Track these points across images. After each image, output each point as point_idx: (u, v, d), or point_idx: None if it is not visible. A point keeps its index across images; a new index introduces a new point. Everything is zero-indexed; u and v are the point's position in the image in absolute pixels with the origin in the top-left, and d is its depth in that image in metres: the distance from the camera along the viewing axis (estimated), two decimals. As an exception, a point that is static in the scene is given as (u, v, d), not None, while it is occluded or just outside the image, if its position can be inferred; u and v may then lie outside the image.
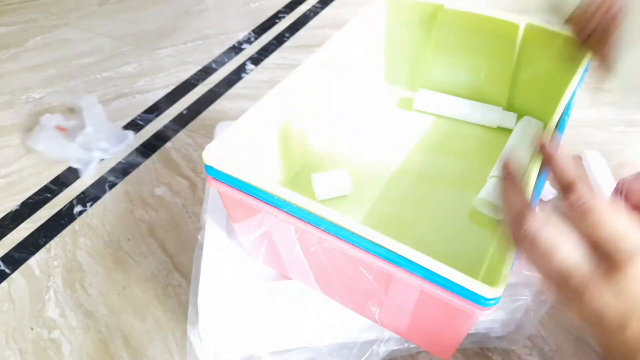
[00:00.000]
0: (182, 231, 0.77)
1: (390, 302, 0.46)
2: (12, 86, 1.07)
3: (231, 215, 0.52)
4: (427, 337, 0.50)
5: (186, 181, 0.85)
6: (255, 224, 0.50)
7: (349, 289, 0.49)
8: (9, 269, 0.74)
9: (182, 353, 0.63)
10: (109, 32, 1.23)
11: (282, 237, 0.48)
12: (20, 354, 0.64)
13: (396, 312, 0.48)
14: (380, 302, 0.47)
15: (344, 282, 0.48)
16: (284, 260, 0.52)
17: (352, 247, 0.40)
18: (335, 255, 0.44)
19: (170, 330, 0.66)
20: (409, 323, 0.48)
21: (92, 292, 0.70)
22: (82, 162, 0.88)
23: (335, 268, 0.46)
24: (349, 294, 0.50)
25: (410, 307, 0.44)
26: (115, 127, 0.94)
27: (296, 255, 0.49)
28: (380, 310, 0.48)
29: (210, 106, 1.01)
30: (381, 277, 0.43)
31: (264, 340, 0.58)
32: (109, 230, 0.78)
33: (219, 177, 0.45)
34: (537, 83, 0.66)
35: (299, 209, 0.41)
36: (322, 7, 1.29)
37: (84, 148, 0.88)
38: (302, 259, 0.49)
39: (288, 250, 0.49)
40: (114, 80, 1.08)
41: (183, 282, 0.71)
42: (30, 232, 0.79)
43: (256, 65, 1.11)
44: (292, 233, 0.46)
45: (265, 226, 0.49)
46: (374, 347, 0.54)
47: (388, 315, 0.49)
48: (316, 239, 0.43)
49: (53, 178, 0.87)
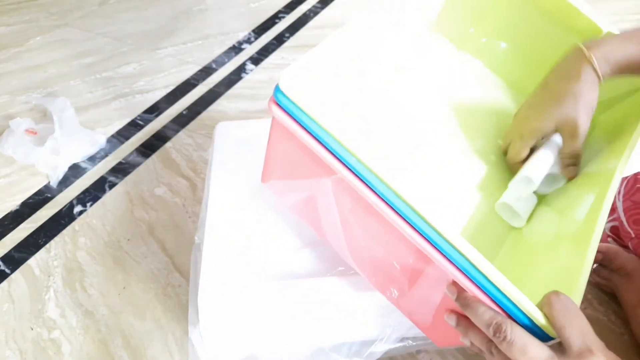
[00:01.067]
0: (182, 231, 0.77)
1: (419, 292, 0.46)
2: (12, 86, 1.07)
3: (275, 156, 0.48)
4: (445, 333, 0.49)
5: (186, 181, 0.85)
6: (304, 174, 0.46)
7: (378, 267, 0.48)
8: (9, 269, 0.74)
9: (182, 353, 0.63)
10: (109, 32, 1.23)
11: (332, 198, 0.46)
12: (20, 354, 0.64)
13: (422, 304, 0.47)
14: (406, 290, 0.47)
15: (378, 259, 0.47)
16: (320, 217, 0.50)
17: (428, 245, 0.39)
18: (391, 239, 0.43)
19: (170, 330, 0.66)
20: (432, 317, 0.48)
21: (92, 292, 0.70)
22: (51, 167, 0.86)
23: (379, 245, 0.45)
24: (376, 270, 0.49)
25: (438, 305, 0.44)
26: (86, 131, 0.93)
27: (338, 218, 0.47)
28: (402, 296, 0.48)
29: (210, 106, 1.01)
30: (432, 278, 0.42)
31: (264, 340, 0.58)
32: (109, 230, 0.78)
33: (293, 113, 0.40)
34: None
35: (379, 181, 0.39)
36: (322, 7, 1.29)
37: (53, 152, 0.87)
38: (344, 223, 0.47)
39: (331, 211, 0.47)
40: (114, 80, 1.08)
41: (183, 282, 0.71)
42: (30, 232, 0.79)
43: (256, 65, 1.11)
44: (349, 199, 0.43)
45: (318, 181, 0.45)
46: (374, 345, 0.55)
47: (409, 302, 0.49)
48: (378, 214, 0.41)
49: (53, 178, 0.87)
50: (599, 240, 0.43)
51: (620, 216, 0.64)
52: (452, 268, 0.39)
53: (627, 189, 0.64)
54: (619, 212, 0.64)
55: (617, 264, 0.64)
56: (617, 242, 0.68)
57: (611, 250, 0.65)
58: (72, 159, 0.88)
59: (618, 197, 0.65)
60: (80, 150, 0.89)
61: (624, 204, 0.64)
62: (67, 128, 0.90)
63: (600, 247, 0.65)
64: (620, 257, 0.64)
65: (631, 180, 0.64)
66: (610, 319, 0.65)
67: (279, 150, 0.49)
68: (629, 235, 0.63)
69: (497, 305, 0.39)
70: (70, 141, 0.88)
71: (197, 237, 0.62)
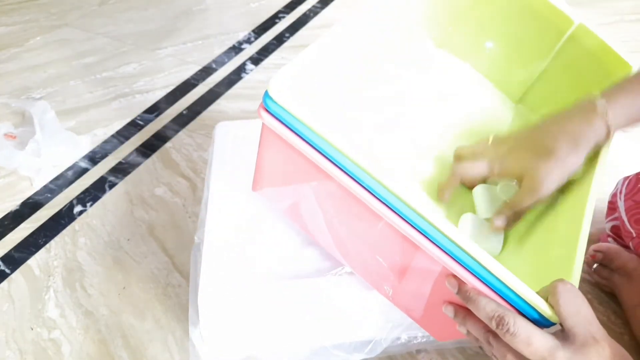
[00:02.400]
0: (182, 231, 0.77)
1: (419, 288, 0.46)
2: (12, 86, 1.07)
3: (267, 163, 0.48)
4: (443, 327, 0.49)
5: (186, 181, 0.85)
6: (296, 179, 0.46)
7: (369, 266, 0.48)
8: (9, 269, 0.74)
9: (182, 353, 0.63)
10: (109, 32, 1.23)
11: (325, 201, 0.46)
12: (20, 354, 0.64)
13: (416, 299, 0.47)
14: (397, 286, 0.47)
15: (368, 258, 0.47)
16: (313, 221, 0.50)
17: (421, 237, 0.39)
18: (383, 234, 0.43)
19: (170, 330, 0.66)
20: (431, 312, 0.48)
21: (92, 292, 0.70)
22: (33, 170, 0.86)
23: (371, 244, 0.45)
24: (369, 269, 0.49)
25: (433, 298, 0.44)
26: (67, 133, 0.92)
27: (330, 221, 0.47)
28: (397, 292, 0.48)
29: (210, 106, 1.01)
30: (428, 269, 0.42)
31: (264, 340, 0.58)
32: (109, 230, 0.78)
33: (283, 118, 0.41)
34: (563, 88, 0.63)
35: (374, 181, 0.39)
36: (322, 7, 1.29)
37: (34, 155, 0.87)
38: (337, 225, 0.47)
39: (324, 214, 0.47)
40: (114, 80, 1.08)
41: (183, 282, 0.71)
42: (30, 232, 0.79)
43: (256, 65, 1.11)
44: (342, 200, 0.43)
45: (309, 185, 0.46)
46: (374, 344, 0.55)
47: (407, 299, 0.49)
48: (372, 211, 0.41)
49: (53, 178, 0.87)
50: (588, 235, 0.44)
51: (622, 216, 0.64)
52: (452, 262, 0.40)
53: (629, 188, 0.64)
54: (621, 212, 0.64)
55: (617, 264, 0.64)
56: (618, 241, 0.68)
57: (612, 250, 0.65)
58: (55, 162, 0.88)
59: (619, 196, 0.65)
60: (63, 153, 0.89)
61: (625, 203, 0.64)
62: (49, 131, 0.90)
63: (600, 247, 0.65)
64: (621, 256, 0.64)
65: (633, 179, 0.64)
66: (610, 319, 0.65)
67: (270, 156, 0.49)
68: (630, 234, 0.63)
69: (499, 296, 0.39)
70: (52, 144, 0.88)
71: (197, 237, 0.62)
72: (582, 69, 0.62)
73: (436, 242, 0.39)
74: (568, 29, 0.61)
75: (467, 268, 0.39)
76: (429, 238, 0.40)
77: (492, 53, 0.68)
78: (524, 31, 0.64)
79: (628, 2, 1.26)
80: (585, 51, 0.61)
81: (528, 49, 0.65)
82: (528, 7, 0.62)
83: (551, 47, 0.63)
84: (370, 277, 0.51)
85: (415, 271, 0.44)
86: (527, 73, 0.67)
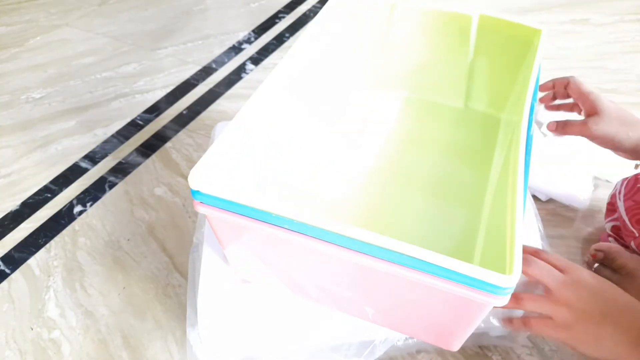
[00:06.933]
0: (182, 231, 0.77)
1: (393, 301, 0.46)
2: (12, 86, 1.07)
3: (222, 240, 0.49)
4: (434, 331, 0.49)
5: (186, 181, 0.85)
6: (248, 244, 0.47)
7: (348, 296, 0.48)
8: (9, 269, 0.74)
9: (182, 353, 0.63)
10: (109, 32, 1.23)
11: (280, 255, 0.47)
12: (20, 354, 0.64)
13: (398, 311, 0.47)
14: (379, 303, 0.47)
15: (346, 290, 0.47)
16: (280, 278, 0.51)
17: (356, 253, 0.38)
18: (338, 266, 0.43)
19: (170, 330, 0.65)
20: (413, 320, 0.48)
21: (92, 292, 0.70)
22: None
23: (338, 279, 0.45)
24: (347, 299, 0.49)
25: (415, 304, 0.44)
26: None
27: (295, 272, 0.47)
28: (377, 310, 0.48)
29: (210, 106, 1.01)
30: (386, 279, 0.42)
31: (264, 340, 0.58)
32: (109, 230, 0.78)
33: (212, 202, 0.42)
34: (496, 77, 0.68)
35: (301, 224, 0.39)
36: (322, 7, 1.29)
37: None
38: (302, 275, 0.48)
39: (286, 267, 0.48)
40: (114, 80, 1.08)
41: (183, 282, 0.71)
42: (30, 232, 0.79)
43: (256, 65, 1.11)
44: (297, 251, 0.44)
45: (259, 245, 0.47)
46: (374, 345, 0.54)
47: (388, 315, 0.49)
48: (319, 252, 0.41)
49: (53, 178, 0.87)
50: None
51: (623, 216, 0.64)
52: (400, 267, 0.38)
53: (628, 189, 0.64)
54: (621, 212, 0.64)
55: (618, 264, 0.64)
56: (618, 241, 0.68)
57: (612, 250, 0.65)
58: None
59: (618, 197, 0.65)
60: None
61: (625, 203, 0.64)
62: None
63: (601, 247, 0.65)
64: (622, 256, 0.64)
65: (631, 180, 0.64)
66: (611, 319, 0.65)
67: (227, 240, 0.49)
68: (632, 234, 0.63)
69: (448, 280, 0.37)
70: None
71: (196, 237, 0.62)
72: (504, 51, 0.66)
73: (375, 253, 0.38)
74: (470, 23, 0.65)
75: (414, 268, 0.37)
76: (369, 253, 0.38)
77: (419, 73, 0.73)
78: (439, 41, 0.68)
79: (628, 2, 1.26)
80: (497, 35, 0.65)
81: (447, 55, 0.69)
82: (432, 22, 0.67)
83: (466, 44, 0.67)
84: (348, 307, 0.51)
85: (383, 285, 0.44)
86: (457, 75, 0.71)
